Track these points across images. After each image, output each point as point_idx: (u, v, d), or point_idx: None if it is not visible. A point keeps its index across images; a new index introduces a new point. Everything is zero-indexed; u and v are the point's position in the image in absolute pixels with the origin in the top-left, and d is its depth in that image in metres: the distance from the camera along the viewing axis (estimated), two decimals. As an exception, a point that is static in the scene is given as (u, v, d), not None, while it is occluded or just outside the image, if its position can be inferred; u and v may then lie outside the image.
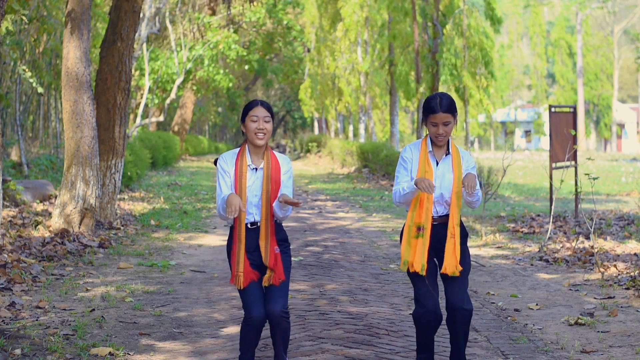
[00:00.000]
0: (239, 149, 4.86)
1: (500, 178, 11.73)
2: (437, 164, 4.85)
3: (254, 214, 4.78)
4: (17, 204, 12.35)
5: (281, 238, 4.88)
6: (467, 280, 4.89)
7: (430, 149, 4.85)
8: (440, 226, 4.83)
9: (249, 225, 4.78)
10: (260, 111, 4.76)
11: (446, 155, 4.86)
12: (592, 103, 65.78)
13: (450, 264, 4.76)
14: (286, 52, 42.03)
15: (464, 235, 4.92)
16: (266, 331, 6.01)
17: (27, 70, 16.72)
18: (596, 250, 8.96)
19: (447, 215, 4.82)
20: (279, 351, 4.91)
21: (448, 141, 4.86)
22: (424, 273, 4.79)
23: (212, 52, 31.25)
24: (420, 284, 4.85)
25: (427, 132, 4.90)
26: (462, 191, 4.80)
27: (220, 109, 56.19)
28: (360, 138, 33.26)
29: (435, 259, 4.89)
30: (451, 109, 4.75)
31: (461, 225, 4.88)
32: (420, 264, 4.78)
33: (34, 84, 17.22)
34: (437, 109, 4.74)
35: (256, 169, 4.77)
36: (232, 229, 4.85)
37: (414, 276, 4.87)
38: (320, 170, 31.23)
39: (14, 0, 11.33)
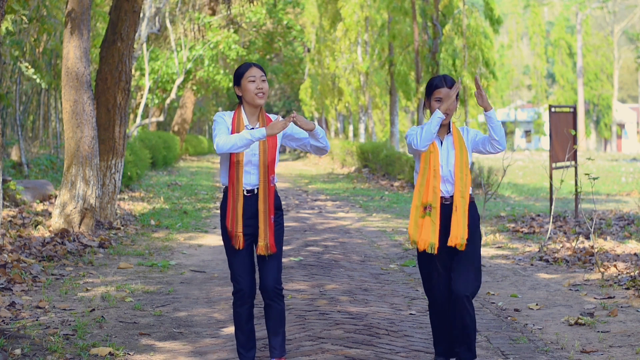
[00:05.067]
0: (233, 111, 4.89)
1: (500, 178, 11.74)
2: (441, 143, 4.95)
3: (251, 173, 4.78)
4: (17, 204, 12.34)
5: (277, 205, 4.85)
6: (475, 262, 4.88)
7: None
8: (450, 206, 4.87)
9: (245, 193, 4.78)
10: (256, 71, 4.82)
11: (447, 134, 4.96)
12: (592, 103, 65.77)
13: (456, 235, 4.79)
14: (286, 52, 42.00)
15: (475, 217, 4.94)
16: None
17: (29, 67, 16.72)
18: (596, 250, 8.95)
19: None
20: (276, 342, 4.85)
21: (449, 122, 4.95)
22: (434, 251, 4.82)
23: (212, 52, 31.25)
24: (430, 265, 4.88)
25: (428, 115, 4.99)
26: (479, 142, 4.90)
27: (220, 109, 56.22)
28: (360, 138, 33.27)
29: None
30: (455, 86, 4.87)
31: (473, 206, 4.92)
32: (428, 242, 4.81)
33: (38, 80, 17.22)
34: (441, 85, 4.89)
35: (253, 129, 4.79)
36: (226, 193, 4.83)
37: (422, 256, 4.89)
38: (320, 170, 31.23)
39: (14, 0, 11.33)
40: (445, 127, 4.95)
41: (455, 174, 4.87)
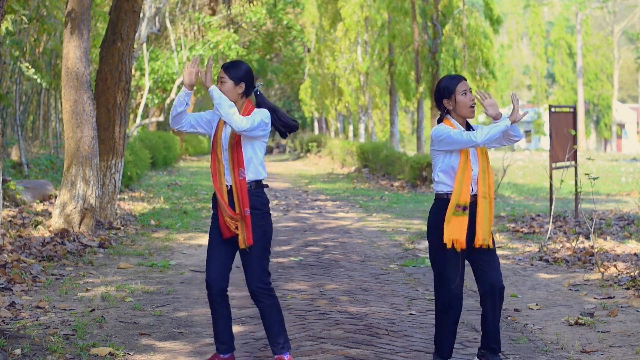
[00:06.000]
0: None
1: (500, 178, 11.73)
2: None
3: (227, 168, 4.84)
4: (17, 204, 12.34)
5: (259, 204, 4.84)
6: (496, 254, 5.03)
7: (458, 125, 4.91)
8: (474, 205, 4.90)
9: (227, 188, 4.86)
10: (220, 72, 4.89)
11: (469, 129, 4.96)
12: (592, 103, 65.76)
13: (482, 235, 4.85)
14: (286, 52, 42.01)
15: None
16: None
17: (29, 67, 16.73)
18: (596, 250, 8.95)
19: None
20: (275, 339, 4.86)
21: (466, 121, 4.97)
22: (462, 248, 4.85)
23: (212, 52, 31.23)
24: (454, 264, 4.87)
25: (442, 115, 4.96)
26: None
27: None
28: (360, 138, 33.26)
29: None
30: None
31: None
32: (459, 240, 4.82)
33: (39, 80, 17.22)
34: (462, 78, 4.92)
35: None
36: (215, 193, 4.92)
37: (447, 253, 4.86)
38: (320, 170, 31.23)
39: (14, 0, 11.33)
40: (465, 125, 4.95)
41: (479, 174, 4.88)
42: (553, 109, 12.61)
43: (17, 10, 12.71)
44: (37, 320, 6.20)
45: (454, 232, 4.81)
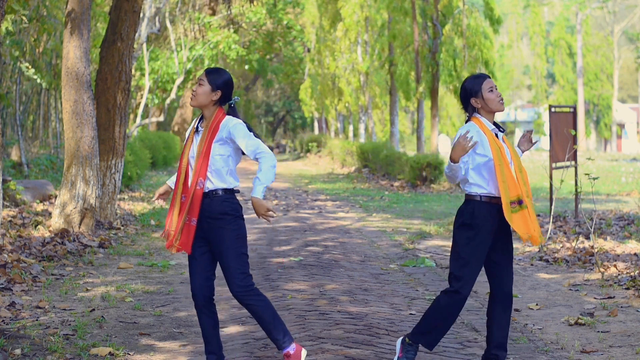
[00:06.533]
0: None
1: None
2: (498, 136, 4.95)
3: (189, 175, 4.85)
4: (17, 204, 12.35)
5: (229, 209, 4.80)
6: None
7: (488, 124, 4.91)
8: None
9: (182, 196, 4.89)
10: (202, 74, 4.88)
11: (498, 128, 4.97)
12: (592, 103, 65.74)
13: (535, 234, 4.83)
14: (286, 52, 42.00)
15: None
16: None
17: (29, 67, 16.73)
18: (596, 250, 8.95)
19: None
20: (274, 335, 4.86)
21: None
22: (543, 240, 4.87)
23: (212, 52, 31.23)
24: (484, 254, 4.85)
25: (470, 115, 4.94)
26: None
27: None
28: (360, 138, 33.26)
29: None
30: None
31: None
32: (535, 235, 4.77)
33: (39, 80, 17.22)
34: (487, 76, 4.94)
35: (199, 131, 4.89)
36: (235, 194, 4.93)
37: (482, 243, 4.81)
38: (320, 170, 31.23)
39: (14, 0, 11.33)
40: (492, 122, 4.96)
41: (516, 173, 4.83)
42: (553, 109, 12.60)
43: (17, 10, 12.72)
44: (37, 320, 6.21)
45: (524, 228, 4.74)
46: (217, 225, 4.76)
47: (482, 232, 4.78)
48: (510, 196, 4.72)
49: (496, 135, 4.90)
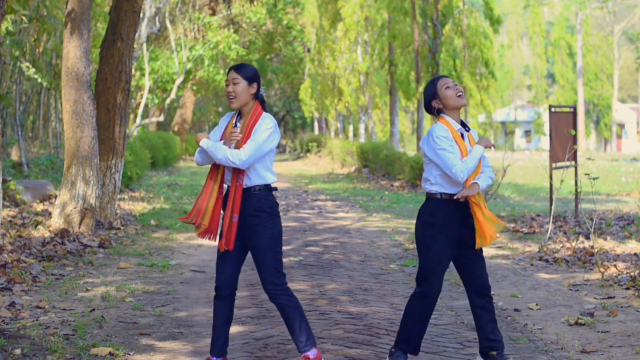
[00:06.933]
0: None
1: (500, 178, 11.73)
2: (463, 136, 5.03)
3: (228, 171, 4.86)
4: (17, 204, 12.34)
5: (267, 207, 4.83)
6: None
7: (454, 123, 4.97)
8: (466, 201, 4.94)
9: (227, 187, 4.90)
10: (230, 74, 4.85)
11: (465, 127, 5.04)
12: (592, 103, 65.74)
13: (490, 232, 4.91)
14: (286, 52, 41.99)
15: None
16: (265, 331, 6.01)
17: (30, 66, 16.72)
18: (596, 250, 8.95)
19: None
20: (298, 337, 4.88)
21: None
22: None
23: (212, 52, 31.24)
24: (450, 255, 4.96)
25: (435, 118, 5.03)
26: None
27: (220, 109, 56.16)
28: (360, 138, 33.26)
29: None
30: None
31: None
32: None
33: (39, 79, 17.22)
34: (442, 76, 5.04)
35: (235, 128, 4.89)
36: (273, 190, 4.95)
37: (445, 244, 4.92)
38: (320, 170, 31.23)
39: (14, 0, 11.33)
40: (460, 122, 5.03)
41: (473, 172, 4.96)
42: (553, 109, 12.61)
43: (17, 10, 12.72)
44: (37, 320, 6.20)
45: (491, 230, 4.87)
46: (254, 222, 4.80)
47: (444, 230, 4.87)
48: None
49: (462, 135, 4.98)
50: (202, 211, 4.85)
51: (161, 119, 30.96)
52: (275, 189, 4.94)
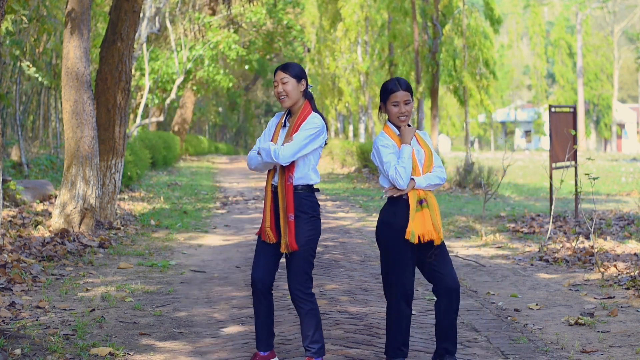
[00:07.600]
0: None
1: (500, 178, 11.74)
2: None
3: (276, 170, 4.88)
4: (17, 204, 12.35)
5: (308, 208, 4.84)
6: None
7: (398, 132, 4.99)
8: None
9: (273, 187, 4.90)
10: (277, 75, 4.87)
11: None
12: (592, 103, 65.78)
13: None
14: (286, 52, 41.99)
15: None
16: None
17: (30, 66, 16.72)
18: (596, 250, 8.95)
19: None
20: (307, 343, 4.89)
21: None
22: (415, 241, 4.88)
23: (212, 52, 31.24)
24: (409, 259, 4.92)
25: (385, 119, 5.08)
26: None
27: (220, 109, 56.20)
28: (360, 138, 33.27)
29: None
30: (409, 88, 4.96)
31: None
32: (421, 233, 4.89)
33: (40, 78, 17.22)
34: (396, 88, 4.93)
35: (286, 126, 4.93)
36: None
37: (401, 250, 4.89)
38: (320, 170, 31.25)
39: (14, 0, 11.33)
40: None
41: (424, 172, 4.97)
42: (553, 109, 12.61)
43: (17, 10, 12.72)
44: (37, 320, 6.20)
45: (420, 227, 4.88)
46: (295, 222, 4.79)
47: (404, 231, 4.86)
48: (417, 196, 4.89)
49: None
50: (264, 216, 4.89)
51: (161, 119, 30.95)
52: (318, 190, 4.94)
